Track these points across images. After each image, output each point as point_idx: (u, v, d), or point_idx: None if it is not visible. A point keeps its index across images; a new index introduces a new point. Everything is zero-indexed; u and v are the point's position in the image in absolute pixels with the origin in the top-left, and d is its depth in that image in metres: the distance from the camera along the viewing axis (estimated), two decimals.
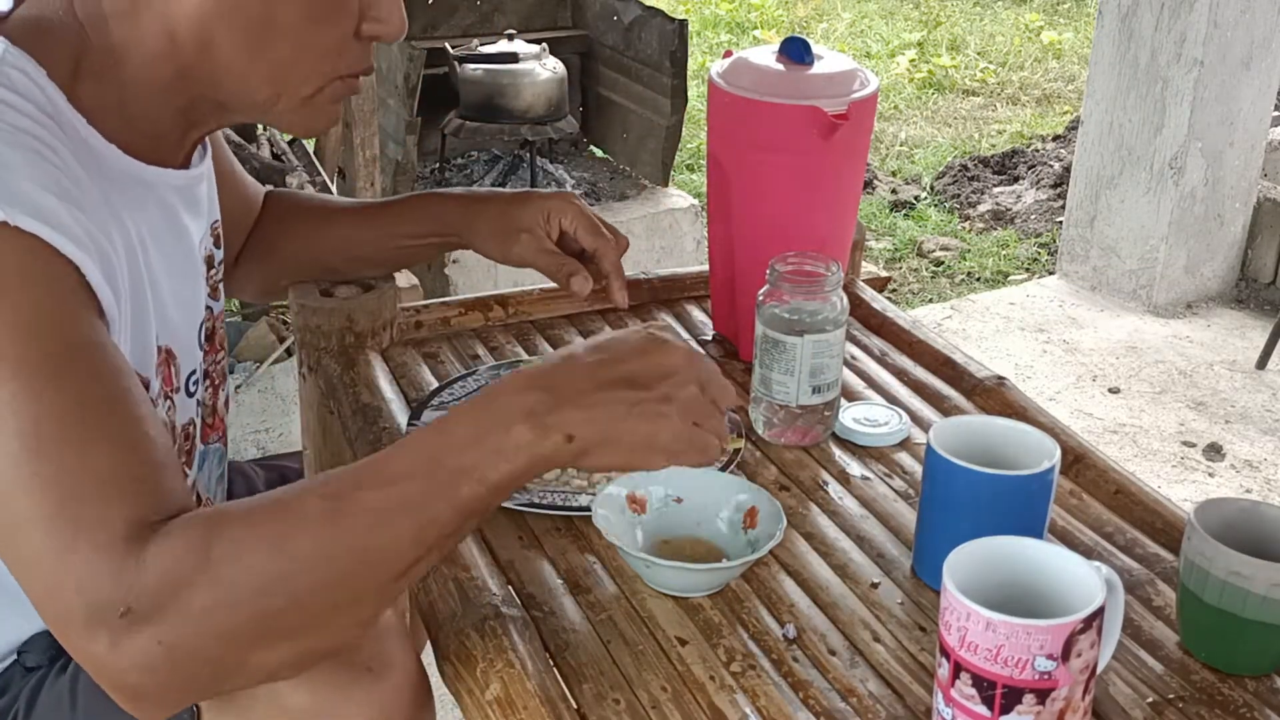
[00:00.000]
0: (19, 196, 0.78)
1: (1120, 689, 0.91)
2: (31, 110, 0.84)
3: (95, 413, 0.78)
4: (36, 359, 0.76)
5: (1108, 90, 3.41)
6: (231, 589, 0.74)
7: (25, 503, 0.75)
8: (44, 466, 0.75)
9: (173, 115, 0.97)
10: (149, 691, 0.75)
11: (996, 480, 0.95)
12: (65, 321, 0.79)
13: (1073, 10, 6.98)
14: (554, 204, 1.24)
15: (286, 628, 0.77)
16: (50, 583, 0.74)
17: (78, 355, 0.79)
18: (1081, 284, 3.57)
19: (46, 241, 0.78)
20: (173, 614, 0.73)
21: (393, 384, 1.29)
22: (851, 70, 1.30)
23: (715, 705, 0.88)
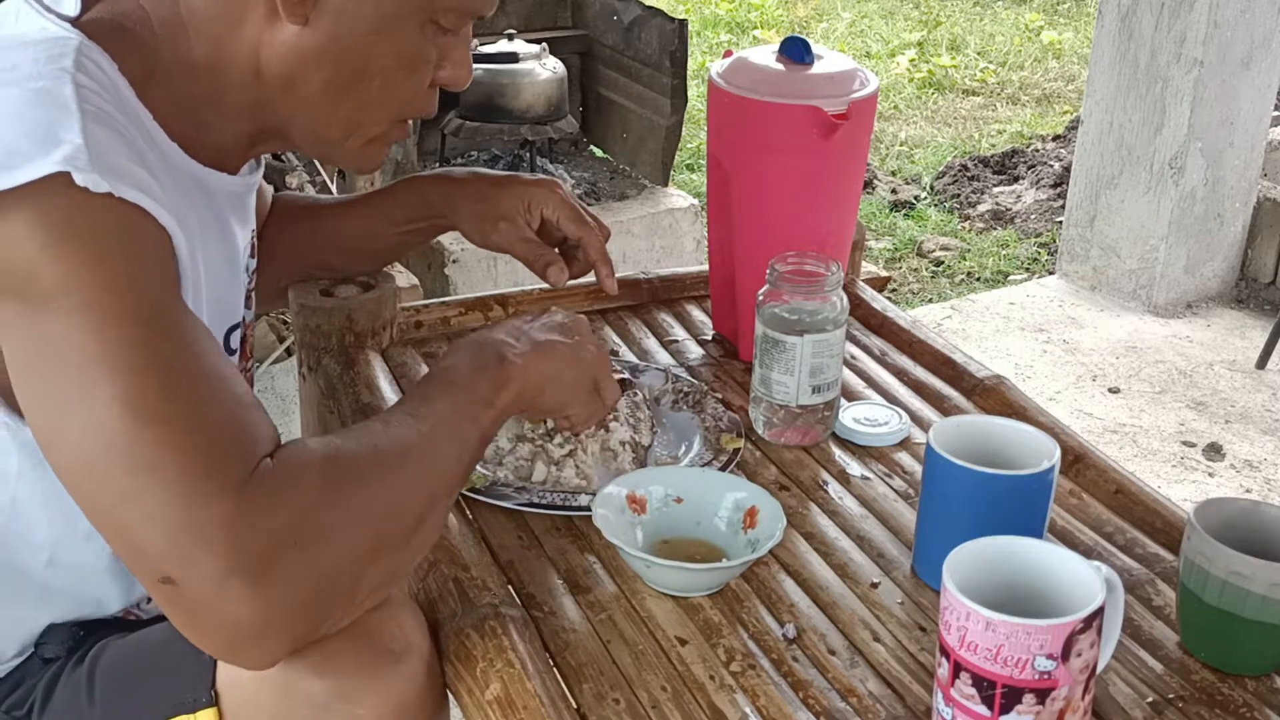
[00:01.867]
0: (118, 169, 0.80)
1: (1120, 689, 0.91)
2: (108, 98, 0.85)
3: (197, 363, 0.80)
4: (143, 313, 0.78)
5: (1108, 90, 3.41)
6: (356, 510, 0.80)
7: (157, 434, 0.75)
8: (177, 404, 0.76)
9: (240, 133, 0.99)
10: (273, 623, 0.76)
11: (996, 480, 0.95)
12: (165, 282, 0.82)
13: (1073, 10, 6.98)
14: (536, 192, 1.24)
15: (394, 543, 0.84)
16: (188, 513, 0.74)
17: (176, 311, 0.81)
18: (1081, 284, 3.57)
19: (147, 210, 0.81)
20: (319, 537, 0.77)
21: (393, 384, 1.29)
22: (851, 70, 1.30)
23: (715, 705, 0.88)
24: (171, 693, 0.91)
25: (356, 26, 0.91)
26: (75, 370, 0.76)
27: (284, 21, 0.90)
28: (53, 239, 0.77)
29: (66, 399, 0.77)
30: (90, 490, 0.77)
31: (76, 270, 0.77)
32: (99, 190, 0.78)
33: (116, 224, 0.79)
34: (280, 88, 0.94)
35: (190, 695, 0.90)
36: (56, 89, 0.81)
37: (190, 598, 0.75)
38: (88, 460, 0.77)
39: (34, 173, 0.76)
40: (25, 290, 0.77)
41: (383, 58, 0.94)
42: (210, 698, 0.90)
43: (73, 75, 0.82)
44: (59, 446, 0.78)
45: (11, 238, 0.77)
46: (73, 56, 0.84)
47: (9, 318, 0.79)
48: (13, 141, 0.78)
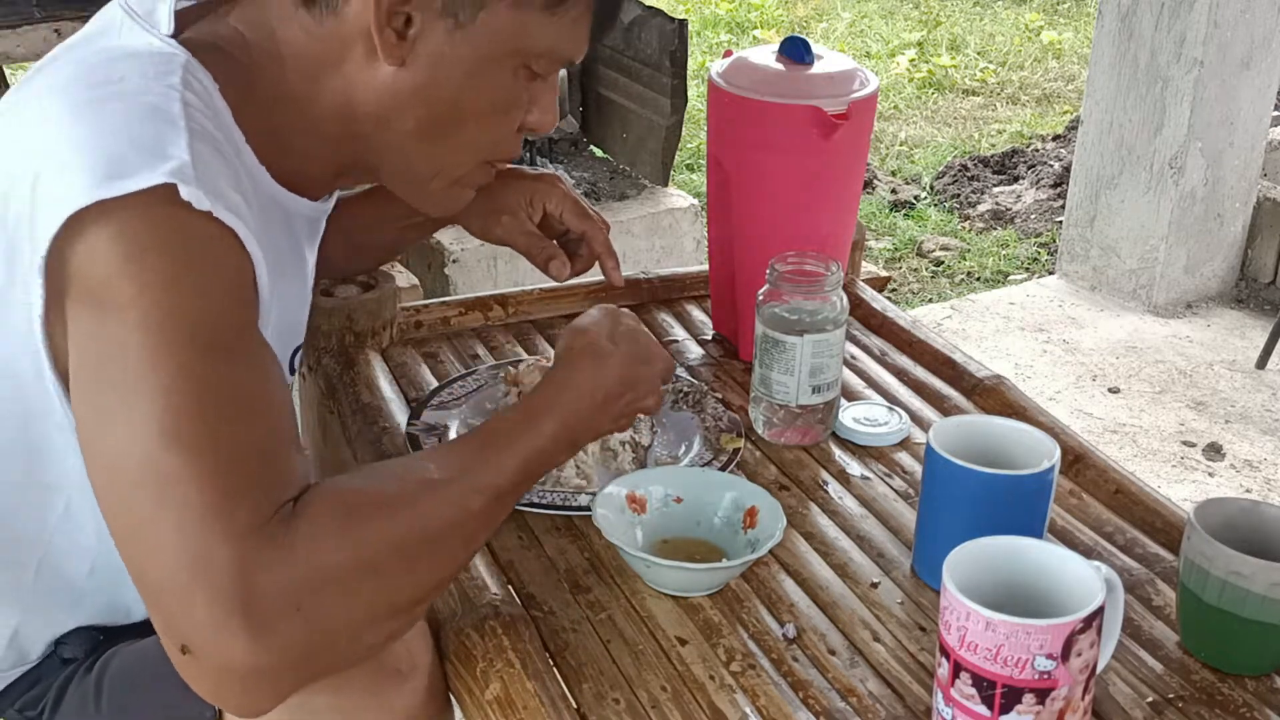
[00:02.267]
0: (219, 190, 0.80)
1: (1120, 689, 0.91)
2: (210, 117, 0.86)
3: (246, 396, 0.79)
4: (205, 338, 0.78)
5: (1108, 90, 3.41)
6: (374, 561, 0.78)
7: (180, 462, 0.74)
8: (208, 436, 0.76)
9: (325, 165, 0.99)
10: (269, 671, 0.74)
11: (996, 480, 0.95)
12: (238, 309, 0.82)
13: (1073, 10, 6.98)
14: (538, 186, 1.24)
15: (405, 601, 0.81)
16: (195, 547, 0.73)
17: (241, 340, 0.81)
18: (1081, 284, 3.57)
19: (238, 235, 0.81)
20: (323, 591, 0.75)
21: (393, 384, 1.29)
22: (851, 70, 1.30)
23: (715, 705, 0.88)
24: (178, 705, 0.90)
25: (452, 70, 0.91)
26: (125, 384, 0.76)
27: (381, 62, 0.90)
28: (135, 252, 0.77)
29: (112, 411, 0.77)
30: (113, 505, 0.77)
31: (151, 285, 0.77)
32: (201, 207, 0.78)
33: (206, 244, 0.80)
34: (373, 126, 0.94)
35: (196, 709, 0.90)
36: (165, 104, 0.82)
37: (184, 634, 0.74)
38: (117, 476, 0.76)
39: (141, 183, 0.76)
40: (101, 296, 0.77)
41: (475, 101, 0.94)
42: (216, 712, 0.90)
43: (180, 93, 0.83)
44: (95, 456, 0.78)
45: (99, 246, 0.77)
46: (180, 74, 0.85)
47: (80, 321, 0.79)
48: (121, 152, 0.78)
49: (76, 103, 0.82)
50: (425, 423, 1.20)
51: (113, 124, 0.80)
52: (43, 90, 0.86)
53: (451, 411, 1.22)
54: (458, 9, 0.89)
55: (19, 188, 0.80)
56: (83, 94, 0.82)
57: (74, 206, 0.76)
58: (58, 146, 0.80)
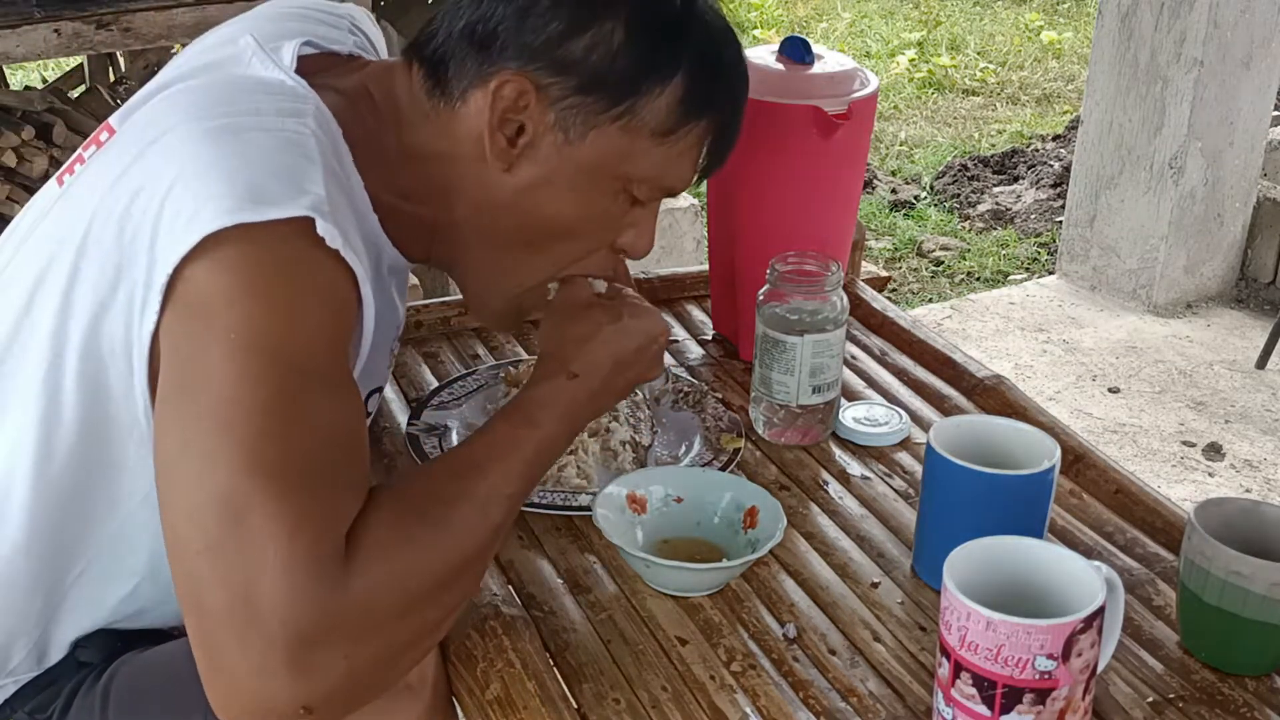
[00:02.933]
0: (347, 231, 0.81)
1: (1120, 689, 0.91)
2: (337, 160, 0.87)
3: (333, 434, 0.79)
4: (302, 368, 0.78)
5: (1108, 90, 3.41)
6: (416, 598, 0.78)
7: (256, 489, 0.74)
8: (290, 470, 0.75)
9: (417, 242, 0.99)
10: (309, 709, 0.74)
11: (996, 480, 0.95)
12: (340, 347, 0.82)
13: (1073, 10, 6.97)
14: None
15: (431, 630, 0.81)
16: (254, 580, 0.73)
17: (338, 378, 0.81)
18: (1081, 284, 3.57)
19: (358, 279, 0.82)
20: (367, 632, 0.75)
21: (393, 384, 1.29)
22: (851, 70, 1.30)
23: (715, 705, 0.88)
24: (188, 713, 0.90)
25: (556, 182, 0.93)
26: (216, 405, 0.76)
27: (490, 164, 0.92)
28: (253, 277, 0.78)
29: (199, 429, 0.76)
30: (181, 525, 0.76)
31: (261, 311, 0.77)
32: (333, 244, 0.79)
33: (325, 280, 0.80)
34: (469, 221, 0.95)
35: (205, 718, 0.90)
36: (302, 141, 0.83)
37: (228, 667, 0.74)
38: (192, 495, 0.76)
39: (283, 212, 0.77)
40: (206, 314, 0.77)
41: (571, 216, 0.95)
42: None
43: (314, 132, 0.84)
44: (173, 471, 0.78)
45: (220, 266, 0.77)
46: (313, 113, 0.85)
47: (179, 334, 0.79)
48: (262, 182, 0.79)
49: (214, 128, 0.82)
50: (425, 423, 1.20)
51: (254, 153, 0.81)
52: (172, 110, 0.85)
53: (451, 411, 1.22)
54: (569, 124, 0.91)
55: (144, 202, 0.80)
56: (220, 121, 0.83)
57: (212, 227, 0.76)
58: (194, 167, 0.80)
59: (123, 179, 0.83)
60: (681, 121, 0.93)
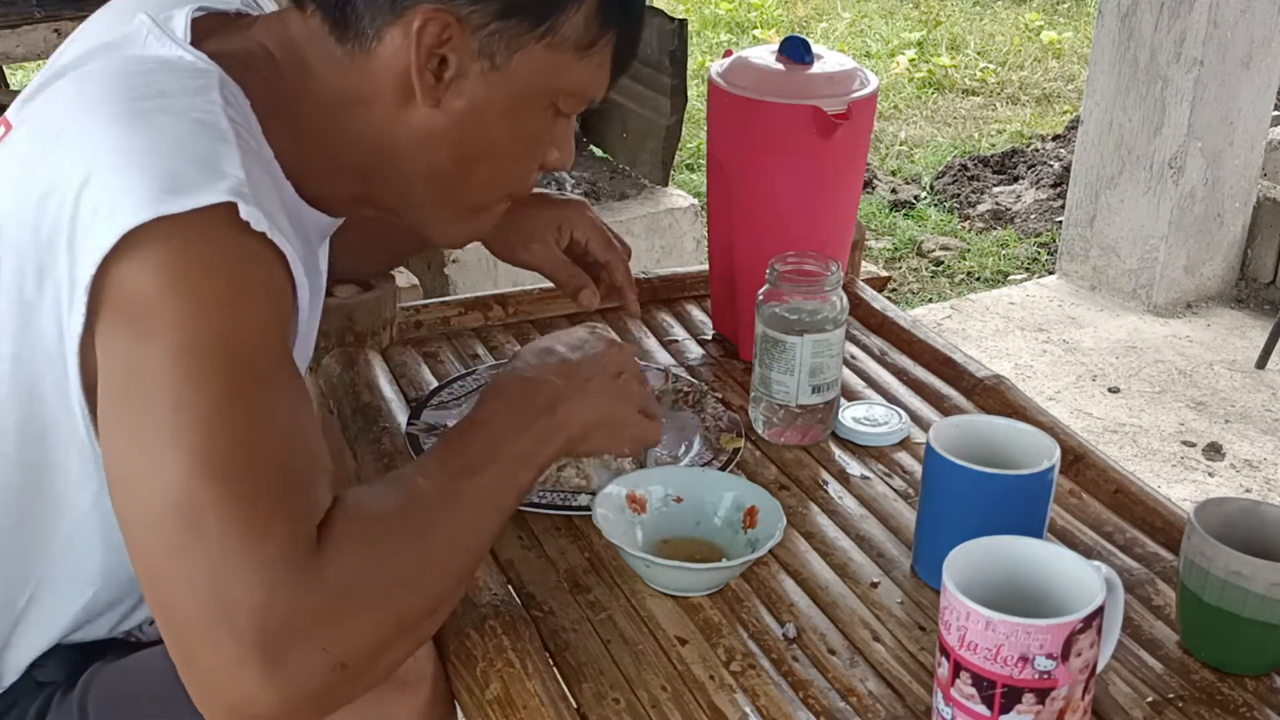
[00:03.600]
0: (271, 211, 0.80)
1: (1120, 688, 0.91)
2: (250, 134, 0.85)
3: (283, 427, 0.78)
4: (245, 367, 0.77)
5: (1107, 90, 3.41)
6: (392, 588, 0.78)
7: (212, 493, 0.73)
8: (242, 468, 0.75)
9: (345, 194, 0.98)
10: (288, 709, 0.74)
11: (996, 480, 0.95)
12: (279, 335, 0.81)
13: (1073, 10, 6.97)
14: (567, 214, 1.25)
15: (418, 619, 0.81)
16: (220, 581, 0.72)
17: (280, 368, 0.80)
18: (1081, 284, 3.57)
19: (288, 261, 0.81)
20: (343, 622, 0.75)
21: (393, 384, 1.29)
22: (851, 70, 1.30)
23: (715, 705, 0.88)
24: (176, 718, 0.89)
25: (487, 110, 0.91)
26: (161, 410, 0.75)
27: (417, 103, 0.90)
28: (181, 275, 0.76)
29: (148, 437, 0.75)
30: (141, 535, 0.76)
31: (193, 310, 0.76)
32: (259, 228, 0.77)
33: (257, 266, 0.79)
34: (402, 163, 0.93)
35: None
36: (214, 120, 0.81)
37: (205, 668, 0.74)
38: (147, 502, 0.75)
39: (200, 201, 0.75)
40: (140, 317, 0.76)
41: (506, 140, 0.94)
42: None
43: (223, 108, 0.82)
44: (124, 481, 0.77)
45: (147, 265, 0.75)
46: (218, 89, 0.83)
47: (117, 340, 0.77)
48: (178, 168, 0.76)
49: (120, 114, 0.79)
50: (425, 423, 1.20)
51: (165, 139, 0.78)
52: (74, 98, 0.83)
53: (451, 411, 1.22)
54: (494, 51, 0.89)
55: (57, 201, 0.78)
56: (125, 105, 0.80)
57: (132, 222, 0.74)
58: (107, 160, 0.77)
59: (31, 178, 0.80)
60: (600, 33, 0.92)
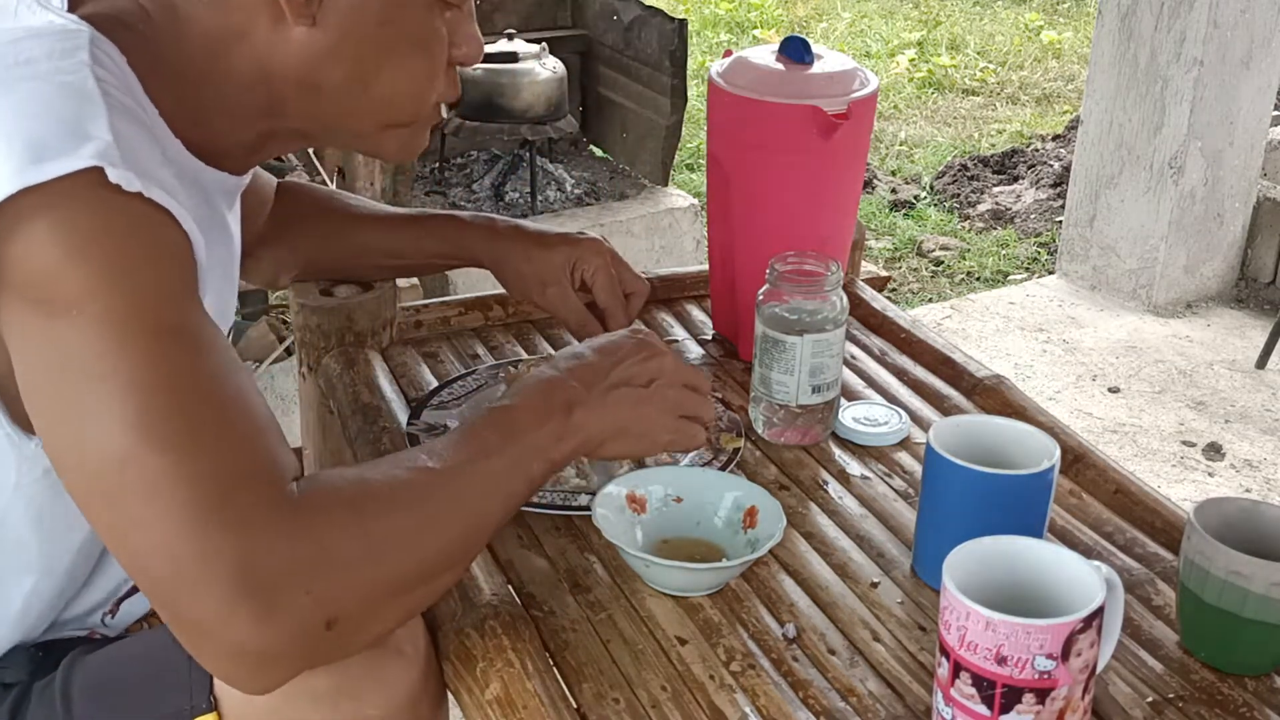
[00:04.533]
0: (146, 168, 0.78)
1: (1120, 688, 0.91)
2: (124, 91, 0.83)
3: (217, 383, 0.78)
4: (165, 327, 0.76)
5: (1107, 90, 3.41)
6: (379, 545, 0.79)
7: (164, 462, 0.73)
8: (186, 429, 0.74)
9: (250, 136, 0.96)
10: (280, 652, 0.75)
11: (996, 480, 0.95)
12: (188, 292, 0.80)
13: (1073, 10, 6.98)
14: (582, 254, 1.25)
15: (409, 586, 0.82)
16: (193, 543, 0.73)
17: (198, 324, 0.79)
18: (1081, 283, 3.57)
19: (173, 215, 0.79)
20: (330, 568, 0.76)
21: (393, 383, 1.29)
22: (851, 70, 1.30)
23: (715, 705, 0.88)
24: (165, 700, 0.90)
25: (364, 17, 0.90)
26: (91, 385, 0.74)
27: (291, 24, 0.88)
28: (77, 244, 0.74)
29: (81, 415, 0.75)
30: (98, 510, 0.76)
31: (99, 278, 0.75)
32: (131, 189, 0.75)
33: (143, 227, 0.77)
34: (297, 90, 0.92)
35: (188, 703, 0.89)
36: (79, 82, 0.78)
37: (195, 624, 0.74)
38: (99, 481, 0.75)
39: (65, 167, 0.73)
40: (45, 297, 0.75)
41: (396, 44, 0.92)
42: (210, 703, 0.89)
43: (91, 68, 0.80)
44: (71, 463, 0.76)
45: (35, 240, 0.74)
46: (88, 49, 0.81)
47: (25, 324, 0.76)
48: (39, 135, 0.74)
49: None
50: (425, 422, 1.20)
51: (27, 106, 0.76)
52: None
53: (451, 411, 1.22)
54: None
55: None
56: None
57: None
58: None
59: None
60: None
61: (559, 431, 0.93)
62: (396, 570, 0.81)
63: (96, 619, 1.03)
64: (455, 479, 0.86)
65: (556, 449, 0.92)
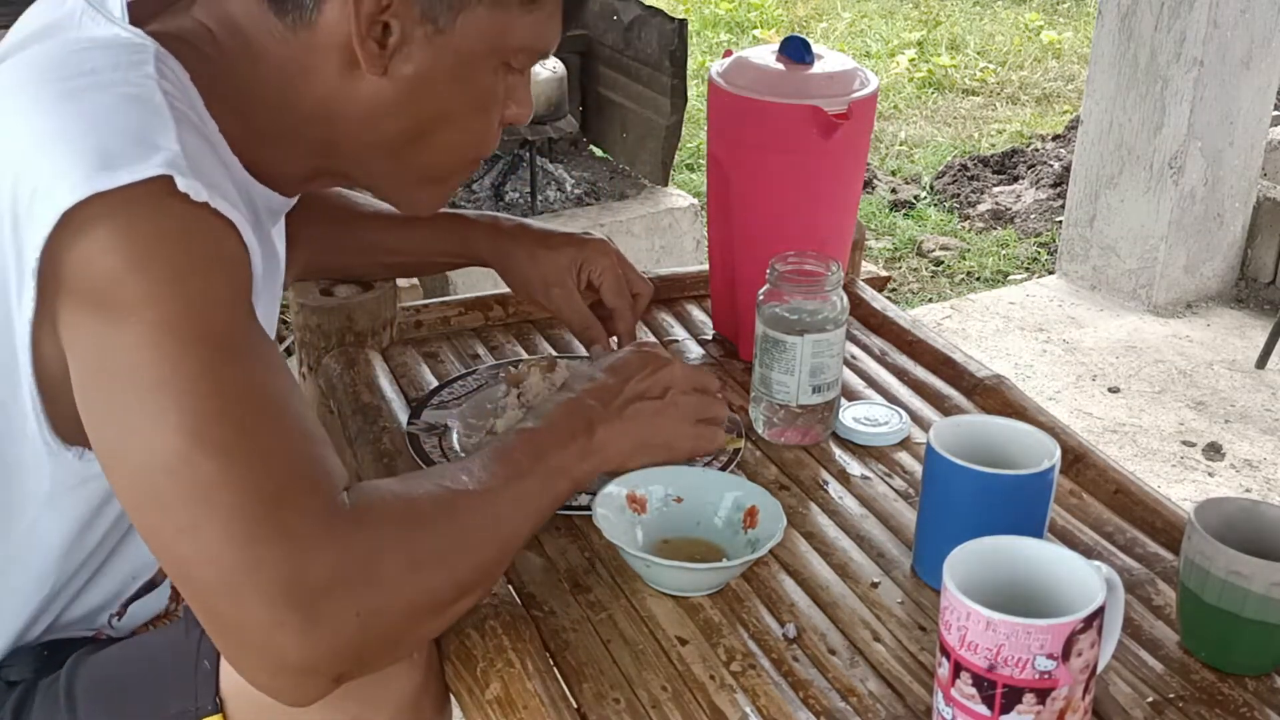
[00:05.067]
0: (213, 180, 0.78)
1: (1120, 688, 0.91)
2: (189, 106, 0.83)
3: (269, 394, 0.78)
4: (220, 336, 0.77)
5: (1107, 90, 3.41)
6: (421, 563, 0.81)
7: (215, 467, 0.74)
8: (239, 436, 0.75)
9: (300, 169, 0.96)
10: (323, 664, 0.75)
11: (996, 480, 0.95)
12: (244, 303, 0.81)
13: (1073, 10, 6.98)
14: (588, 255, 1.25)
15: (447, 599, 0.84)
16: (241, 552, 0.73)
17: (252, 335, 0.80)
18: (1081, 283, 3.57)
19: (236, 227, 0.79)
20: (375, 584, 0.77)
21: (393, 383, 1.29)
22: (851, 70, 1.30)
23: (715, 705, 0.88)
24: (170, 701, 0.90)
25: (435, 75, 0.90)
26: (145, 391, 0.75)
27: (363, 72, 0.88)
28: (139, 250, 0.75)
29: (133, 420, 0.75)
30: (149, 516, 0.76)
31: (159, 285, 0.75)
32: (199, 199, 0.76)
33: (207, 237, 0.78)
34: (355, 135, 0.92)
35: (193, 703, 0.89)
36: (146, 94, 0.79)
37: (238, 634, 0.75)
38: (149, 486, 0.75)
39: (135, 174, 0.74)
40: (104, 301, 0.75)
41: (459, 103, 0.93)
42: (215, 704, 0.89)
43: (158, 82, 0.80)
44: (121, 468, 0.77)
45: (98, 245, 0.74)
46: (153, 63, 0.82)
47: (83, 327, 0.77)
48: (109, 144, 0.75)
49: (51, 96, 0.78)
50: (425, 422, 1.20)
51: (95, 115, 0.77)
52: (8, 84, 0.81)
53: (451, 411, 1.22)
54: (436, 14, 0.87)
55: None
56: (56, 87, 0.79)
57: (68, 202, 0.73)
58: (38, 142, 0.76)
59: None
60: None
61: (583, 451, 0.96)
62: (434, 587, 0.82)
63: (104, 619, 1.03)
64: (492, 500, 0.88)
65: (579, 468, 0.96)
